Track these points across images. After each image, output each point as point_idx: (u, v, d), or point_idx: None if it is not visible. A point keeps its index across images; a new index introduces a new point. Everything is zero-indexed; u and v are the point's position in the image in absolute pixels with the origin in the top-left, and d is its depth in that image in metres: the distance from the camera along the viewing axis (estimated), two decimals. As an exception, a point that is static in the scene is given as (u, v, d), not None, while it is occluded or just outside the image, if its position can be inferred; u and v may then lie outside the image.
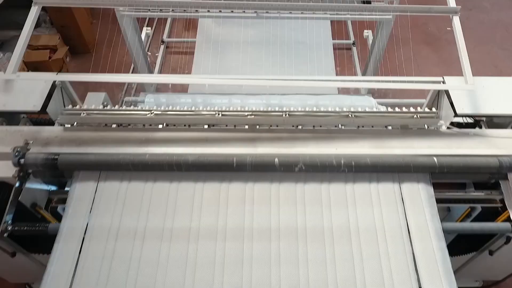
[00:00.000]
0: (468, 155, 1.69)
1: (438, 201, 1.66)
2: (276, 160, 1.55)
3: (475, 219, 1.98)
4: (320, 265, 1.46)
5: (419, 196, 1.60)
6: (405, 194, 1.61)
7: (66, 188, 1.85)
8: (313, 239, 1.50)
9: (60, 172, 1.64)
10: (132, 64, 3.37)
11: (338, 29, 4.28)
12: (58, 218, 1.92)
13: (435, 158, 1.61)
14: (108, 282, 1.40)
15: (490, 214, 1.93)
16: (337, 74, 3.69)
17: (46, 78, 1.83)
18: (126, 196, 1.56)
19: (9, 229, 1.55)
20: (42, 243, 2.19)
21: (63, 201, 1.79)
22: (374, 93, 3.44)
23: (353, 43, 4.21)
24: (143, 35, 3.60)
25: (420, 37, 4.47)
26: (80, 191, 1.57)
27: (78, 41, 3.92)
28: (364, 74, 3.84)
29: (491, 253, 2.25)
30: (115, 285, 1.40)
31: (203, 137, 1.77)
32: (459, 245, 2.24)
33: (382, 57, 3.44)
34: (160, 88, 3.37)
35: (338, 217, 1.54)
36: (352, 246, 1.50)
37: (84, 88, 2.34)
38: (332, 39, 3.87)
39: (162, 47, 3.97)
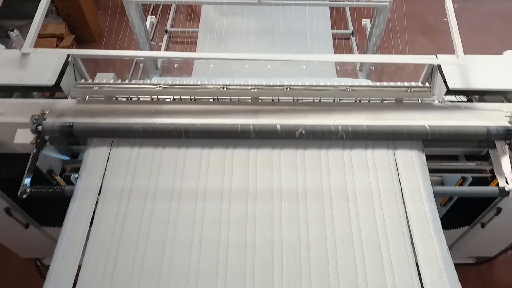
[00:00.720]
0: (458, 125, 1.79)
1: (431, 171, 1.76)
2: (278, 126, 1.66)
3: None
4: (319, 224, 1.56)
5: (412, 162, 1.71)
6: (399, 160, 1.71)
7: (79, 158, 1.97)
8: (313, 200, 1.60)
9: (75, 140, 1.74)
10: (134, 60, 3.46)
11: (337, 19, 4.40)
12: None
13: (427, 126, 1.71)
14: (122, 238, 1.51)
15: (481, 183, 2.03)
16: (337, 71, 3.80)
17: (60, 52, 1.93)
18: (137, 161, 1.67)
19: (27, 191, 1.65)
20: (53, 216, 2.30)
21: (76, 170, 1.90)
22: (371, 78, 3.54)
23: (352, 33, 4.31)
24: (148, 23, 3.70)
25: (417, 27, 4.57)
26: (94, 156, 1.68)
27: (83, 30, 4.02)
28: (363, 65, 3.94)
29: (482, 225, 2.36)
30: (128, 241, 1.50)
31: (209, 109, 1.88)
32: (452, 219, 2.35)
33: (379, 46, 3.54)
34: (164, 74, 3.47)
35: (336, 180, 1.65)
36: (349, 207, 1.60)
37: (93, 70, 2.44)
38: (332, 29, 3.98)
39: (165, 36, 4.07)
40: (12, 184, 1.97)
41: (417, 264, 1.49)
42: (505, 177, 1.78)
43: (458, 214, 2.31)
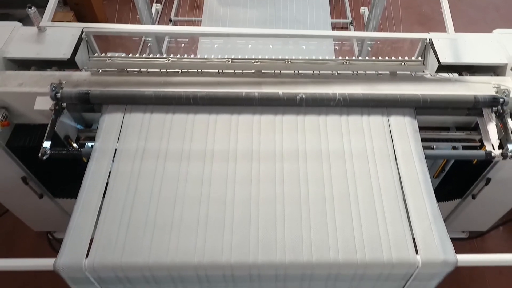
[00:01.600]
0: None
1: (424, 140, 1.88)
2: (280, 92, 1.78)
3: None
4: (318, 182, 1.68)
5: (405, 128, 1.83)
6: (392, 126, 1.83)
7: (93, 128, 2.09)
8: (312, 161, 1.73)
9: (90, 107, 1.86)
10: (143, 39, 3.58)
11: (336, 9, 4.52)
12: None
13: (419, 94, 1.84)
14: (136, 195, 1.63)
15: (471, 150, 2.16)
16: (335, 52, 3.92)
17: (75, 26, 2.06)
18: (149, 125, 1.79)
19: (47, 152, 1.77)
20: (67, 187, 2.43)
21: (90, 138, 2.03)
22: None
23: (351, 22, 4.44)
24: (153, 11, 3.82)
25: (414, 18, 4.69)
26: (109, 121, 1.80)
27: (90, 19, 4.14)
28: (361, 50, 4.07)
29: (473, 197, 2.49)
30: (142, 197, 1.62)
31: (215, 81, 2.00)
32: (445, 191, 2.48)
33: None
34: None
35: (334, 143, 1.77)
36: (346, 167, 1.72)
37: (103, 51, 2.55)
38: (331, 19, 4.10)
39: (170, 25, 4.19)
40: (29, 153, 2.11)
41: (408, 219, 1.61)
42: (492, 144, 1.90)
43: (450, 185, 2.44)
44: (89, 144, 2.00)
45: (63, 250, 1.46)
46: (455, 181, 2.41)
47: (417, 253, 1.50)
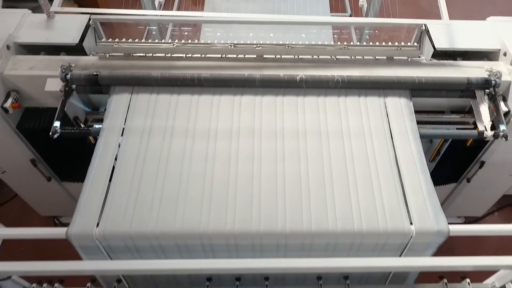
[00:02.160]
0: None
1: (419, 122, 1.95)
2: (281, 73, 1.86)
3: (452, 141, 2.28)
4: (317, 159, 1.76)
5: (401, 108, 1.91)
6: (388, 106, 1.91)
7: (100, 110, 2.17)
8: (312, 139, 1.80)
9: (99, 89, 1.93)
10: (147, 29, 3.65)
11: (335, 3, 4.59)
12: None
13: (414, 76, 1.92)
14: (143, 170, 1.70)
15: (464, 135, 2.23)
16: (334, 40, 3.99)
17: (84, 11, 2.14)
18: (155, 105, 1.87)
19: (58, 131, 1.85)
20: (74, 171, 2.50)
21: (97, 121, 2.10)
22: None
23: (350, 15, 4.51)
24: (156, 3, 3.90)
25: (412, 11, 4.77)
26: (117, 102, 1.88)
27: (94, 12, 4.21)
28: (359, 40, 4.14)
29: (468, 180, 2.57)
30: (149, 172, 1.69)
31: (217, 65, 2.08)
32: (441, 174, 2.56)
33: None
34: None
35: (333, 122, 1.85)
36: (344, 145, 1.80)
37: (109, 38, 2.63)
38: (330, 13, 4.17)
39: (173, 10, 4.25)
40: (38, 136, 2.19)
41: (403, 193, 1.68)
42: (484, 126, 1.97)
43: (445, 169, 2.52)
44: (97, 126, 2.08)
45: (75, 220, 1.54)
46: (450, 164, 2.49)
47: (411, 223, 1.58)
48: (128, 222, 1.54)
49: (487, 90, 1.98)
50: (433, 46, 2.18)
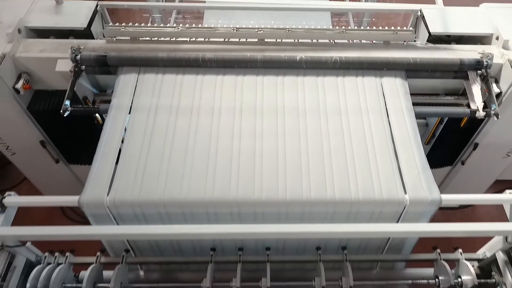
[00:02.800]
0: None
1: (415, 104, 2.03)
2: (282, 54, 1.94)
3: (447, 123, 2.37)
4: (316, 135, 1.84)
5: (396, 88, 1.99)
6: (385, 86, 1.99)
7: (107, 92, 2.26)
8: (311, 116, 1.89)
9: (107, 69, 2.02)
10: (151, 17, 3.73)
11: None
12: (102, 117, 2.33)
13: (409, 57, 2.00)
14: (151, 144, 1.78)
15: (458, 118, 2.32)
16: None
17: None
18: (161, 84, 1.95)
19: (68, 109, 1.93)
20: (81, 154, 2.59)
21: (105, 102, 2.18)
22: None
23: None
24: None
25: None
26: (124, 81, 1.96)
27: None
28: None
29: (463, 163, 2.65)
30: (156, 147, 1.77)
31: (221, 48, 2.16)
32: (436, 157, 2.64)
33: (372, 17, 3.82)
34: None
35: (331, 100, 1.93)
36: (342, 122, 1.88)
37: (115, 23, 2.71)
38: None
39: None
40: (47, 117, 2.27)
41: (398, 165, 1.76)
42: (477, 106, 2.06)
43: (441, 151, 2.60)
44: (105, 106, 2.16)
45: (87, 188, 1.62)
46: (445, 146, 2.58)
47: (405, 193, 1.66)
48: (137, 190, 1.62)
49: (479, 72, 2.06)
50: (428, 31, 2.26)
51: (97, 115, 2.28)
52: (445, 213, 3.23)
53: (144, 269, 2.04)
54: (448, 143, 2.54)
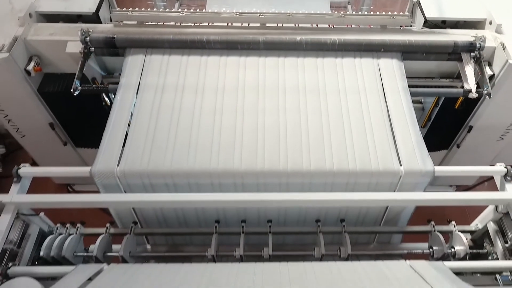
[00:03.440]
0: (432, 41, 2.17)
1: (412, 87, 2.11)
2: (283, 36, 2.03)
3: (442, 105, 2.46)
4: (316, 112, 1.92)
5: (393, 68, 2.08)
6: (381, 66, 2.08)
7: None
8: (311, 95, 1.97)
9: (115, 50, 2.10)
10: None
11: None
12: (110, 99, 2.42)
13: (405, 39, 2.09)
14: (158, 120, 1.86)
15: (453, 99, 2.41)
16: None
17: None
18: (168, 65, 2.04)
19: (78, 88, 2.01)
20: (88, 137, 2.67)
21: (112, 83, 2.27)
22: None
23: (348, 2, 4.67)
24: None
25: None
26: (132, 62, 2.05)
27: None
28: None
29: (458, 146, 2.73)
30: (163, 123, 1.85)
31: (224, 32, 2.24)
32: (432, 140, 2.72)
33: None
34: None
35: (330, 79, 2.02)
36: (340, 100, 1.97)
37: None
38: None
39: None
40: (57, 99, 2.36)
41: (394, 140, 1.85)
42: (470, 87, 2.14)
43: (437, 134, 2.69)
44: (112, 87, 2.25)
45: (98, 160, 1.71)
46: (441, 129, 2.66)
47: (400, 164, 1.75)
48: (145, 161, 1.71)
49: (472, 54, 2.15)
50: (424, 16, 2.35)
51: (105, 97, 2.37)
52: (441, 198, 3.31)
53: (151, 243, 2.13)
54: (444, 125, 2.62)
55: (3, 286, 1.48)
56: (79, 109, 2.44)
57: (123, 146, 1.78)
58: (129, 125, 1.85)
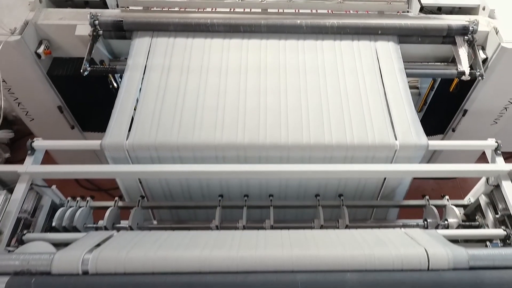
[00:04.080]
0: (427, 25, 2.25)
1: (408, 70, 2.19)
2: (284, 20, 2.12)
3: (437, 89, 2.54)
4: (316, 92, 2.01)
5: (389, 50, 2.16)
6: (378, 48, 2.17)
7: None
8: (311, 75, 2.06)
9: (123, 34, 2.19)
10: None
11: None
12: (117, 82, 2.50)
13: (401, 22, 2.17)
14: (164, 99, 1.95)
15: (448, 81, 2.50)
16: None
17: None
18: (173, 47, 2.12)
19: (87, 69, 2.10)
20: (95, 121, 2.76)
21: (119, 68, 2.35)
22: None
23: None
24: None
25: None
26: (139, 44, 2.13)
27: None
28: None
29: (453, 130, 2.82)
30: (169, 101, 1.93)
31: (227, 17, 2.32)
32: (428, 125, 2.80)
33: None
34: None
35: (329, 60, 2.10)
36: (339, 80, 2.05)
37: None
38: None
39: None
40: (65, 83, 2.45)
41: (390, 117, 1.93)
42: (464, 69, 2.23)
43: (433, 119, 2.77)
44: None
45: (108, 134, 1.79)
46: (437, 113, 2.75)
47: (396, 139, 1.83)
48: (153, 135, 1.79)
49: (466, 37, 2.23)
50: (420, 3, 2.43)
51: (112, 80, 2.46)
52: (438, 182, 3.41)
53: (157, 219, 2.21)
54: (440, 109, 2.71)
55: (19, 249, 1.56)
56: (87, 93, 2.53)
57: (132, 120, 1.86)
58: (137, 102, 1.94)
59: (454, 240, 1.59)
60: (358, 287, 1.33)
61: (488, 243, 1.74)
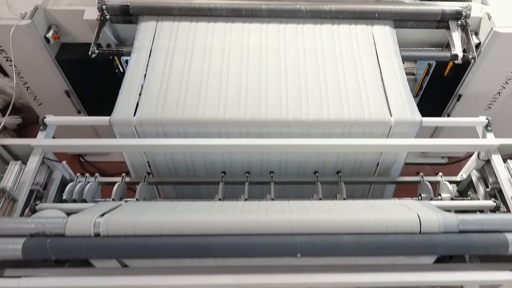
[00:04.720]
0: (422, 11, 2.34)
1: (403, 53, 2.28)
2: (284, 4, 2.21)
3: (432, 74, 2.63)
4: (314, 73, 2.09)
5: (385, 34, 2.25)
6: (375, 32, 2.25)
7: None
8: (310, 57, 2.14)
9: (129, 18, 2.27)
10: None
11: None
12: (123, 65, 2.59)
13: (397, 7, 2.26)
14: (170, 78, 2.03)
15: (443, 66, 2.58)
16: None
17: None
18: (178, 30, 2.21)
19: (95, 52, 2.19)
20: (101, 106, 2.84)
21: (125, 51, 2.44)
22: None
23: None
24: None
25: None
26: (145, 27, 2.22)
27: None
28: None
29: (448, 115, 2.90)
30: (174, 80, 2.02)
31: (229, 2, 2.40)
32: (424, 110, 2.88)
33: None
34: None
35: (327, 42, 2.19)
36: (337, 62, 2.14)
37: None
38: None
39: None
40: (73, 67, 2.53)
41: (386, 96, 2.02)
42: (457, 53, 2.31)
43: (428, 104, 2.86)
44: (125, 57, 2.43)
45: (116, 110, 1.88)
46: (432, 98, 2.83)
47: (391, 116, 1.92)
48: (159, 112, 1.88)
49: (459, 22, 2.32)
50: (416, -9, 2.52)
51: (118, 64, 2.54)
52: (434, 168, 3.49)
53: (162, 197, 2.30)
54: (435, 94, 2.80)
55: (34, 215, 1.65)
56: (94, 77, 2.61)
57: (139, 98, 1.95)
58: (144, 80, 2.03)
59: (447, 212, 1.68)
60: (354, 248, 1.41)
61: (478, 213, 1.82)
